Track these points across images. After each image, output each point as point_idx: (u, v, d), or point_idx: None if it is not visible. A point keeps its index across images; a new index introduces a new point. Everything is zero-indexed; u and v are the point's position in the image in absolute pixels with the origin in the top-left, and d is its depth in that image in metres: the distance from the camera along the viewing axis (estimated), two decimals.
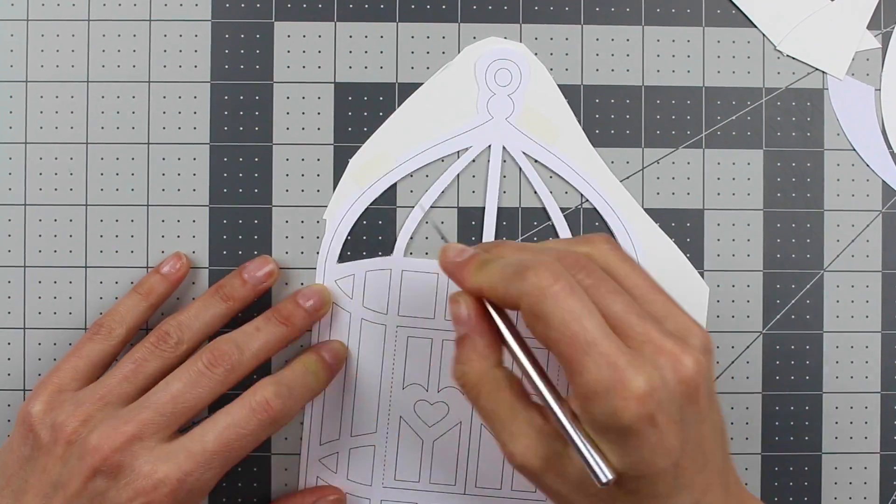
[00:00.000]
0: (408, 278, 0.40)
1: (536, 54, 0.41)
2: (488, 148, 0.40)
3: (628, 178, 0.41)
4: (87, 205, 0.40)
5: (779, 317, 0.41)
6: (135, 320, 0.38)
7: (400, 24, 0.41)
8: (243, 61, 0.40)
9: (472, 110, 0.40)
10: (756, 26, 0.41)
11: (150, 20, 0.40)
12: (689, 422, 0.31)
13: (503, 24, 0.41)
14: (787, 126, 0.41)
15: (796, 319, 0.41)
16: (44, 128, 0.40)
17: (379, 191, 0.40)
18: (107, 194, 0.40)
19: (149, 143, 0.40)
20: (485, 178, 0.40)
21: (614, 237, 0.40)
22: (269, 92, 0.40)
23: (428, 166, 0.40)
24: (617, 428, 0.30)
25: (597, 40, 0.41)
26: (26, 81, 0.40)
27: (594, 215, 0.40)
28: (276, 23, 0.40)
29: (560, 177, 0.40)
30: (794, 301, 0.41)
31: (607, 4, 0.41)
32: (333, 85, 0.41)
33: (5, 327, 0.40)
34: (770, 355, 0.41)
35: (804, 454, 0.41)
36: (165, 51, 0.40)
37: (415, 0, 0.41)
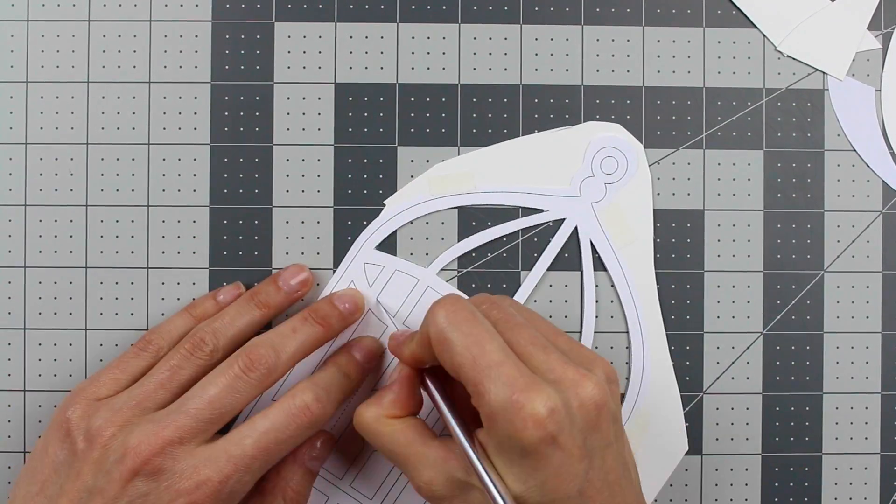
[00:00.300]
0: (429, 296, 0.40)
1: (536, 55, 0.41)
2: (561, 220, 0.40)
3: None
4: (87, 205, 0.40)
5: (779, 317, 0.41)
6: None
7: (400, 24, 0.41)
8: (243, 62, 0.40)
9: (565, 180, 0.40)
10: (756, 27, 0.41)
11: (151, 20, 0.40)
12: (593, 448, 0.32)
13: (503, 25, 0.41)
14: (787, 126, 0.41)
15: (796, 320, 0.41)
16: (44, 128, 0.40)
17: (444, 206, 0.40)
18: (107, 195, 0.40)
19: (149, 144, 0.40)
20: (543, 244, 0.40)
21: (631, 356, 0.40)
22: (269, 92, 0.40)
23: (498, 209, 0.40)
24: (519, 448, 0.30)
25: (597, 41, 0.41)
26: (26, 82, 0.40)
27: (622, 337, 0.41)
28: (276, 23, 0.40)
29: (612, 283, 0.40)
30: (794, 301, 0.41)
31: (607, 5, 0.41)
32: (334, 85, 0.41)
33: (5, 328, 0.40)
34: (770, 356, 0.41)
35: (804, 454, 0.41)
36: (165, 51, 0.40)
37: (415, 0, 0.41)
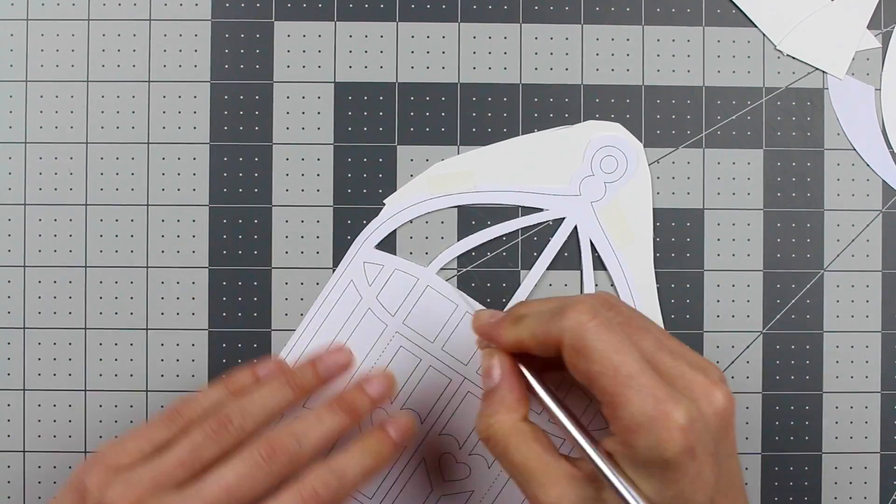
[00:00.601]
0: (429, 295, 0.40)
1: (536, 54, 0.41)
2: (561, 219, 0.40)
3: None
4: (86, 204, 0.40)
5: (779, 317, 0.41)
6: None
7: (400, 23, 0.41)
8: (243, 61, 0.40)
9: (565, 179, 0.40)
10: (756, 26, 0.41)
11: (150, 20, 0.40)
12: (722, 455, 0.31)
13: (503, 24, 0.41)
14: (787, 126, 0.41)
15: (796, 319, 0.41)
16: (44, 127, 0.40)
17: (444, 205, 0.40)
18: (107, 194, 0.40)
19: (149, 143, 0.40)
20: (543, 244, 0.40)
21: None
22: (269, 92, 0.40)
23: (498, 208, 0.40)
24: (660, 461, 0.30)
25: (597, 40, 0.41)
26: (26, 81, 0.40)
27: None
28: (275, 22, 0.40)
29: (612, 283, 0.40)
30: (794, 301, 0.41)
31: (607, 4, 0.41)
32: (333, 85, 0.41)
33: (5, 327, 0.40)
34: (770, 355, 0.41)
35: (804, 454, 0.41)
36: (165, 51, 0.40)
37: (415, 0, 0.41)
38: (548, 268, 0.40)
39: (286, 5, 0.40)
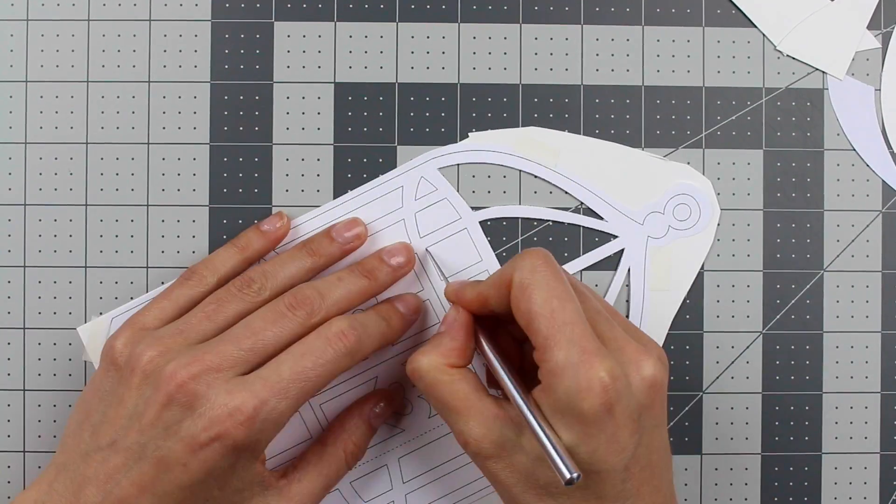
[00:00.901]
0: (462, 237, 0.40)
1: (536, 55, 0.41)
2: (614, 236, 0.40)
3: None
4: (86, 205, 0.40)
5: (779, 317, 0.41)
6: (227, 271, 0.38)
7: (400, 24, 0.41)
8: (243, 61, 0.40)
9: (636, 203, 0.40)
10: (756, 26, 0.41)
11: (150, 20, 0.40)
12: (644, 425, 0.32)
13: (503, 24, 0.41)
14: (787, 126, 0.41)
15: (796, 319, 0.41)
16: (44, 128, 0.40)
17: (519, 166, 0.40)
18: (107, 194, 0.40)
19: (149, 143, 0.40)
20: (582, 246, 0.40)
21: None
22: (269, 92, 0.40)
23: (563, 195, 0.40)
24: (577, 411, 0.31)
25: (597, 40, 0.41)
26: (26, 81, 0.40)
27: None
28: (275, 23, 0.40)
29: (627, 314, 0.40)
30: (794, 301, 0.41)
31: (607, 4, 0.41)
32: (333, 85, 0.41)
33: (5, 327, 0.40)
34: (770, 355, 0.41)
35: (804, 454, 0.41)
36: (165, 51, 0.40)
37: (415, 0, 0.41)
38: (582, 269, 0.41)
39: (286, 6, 0.40)
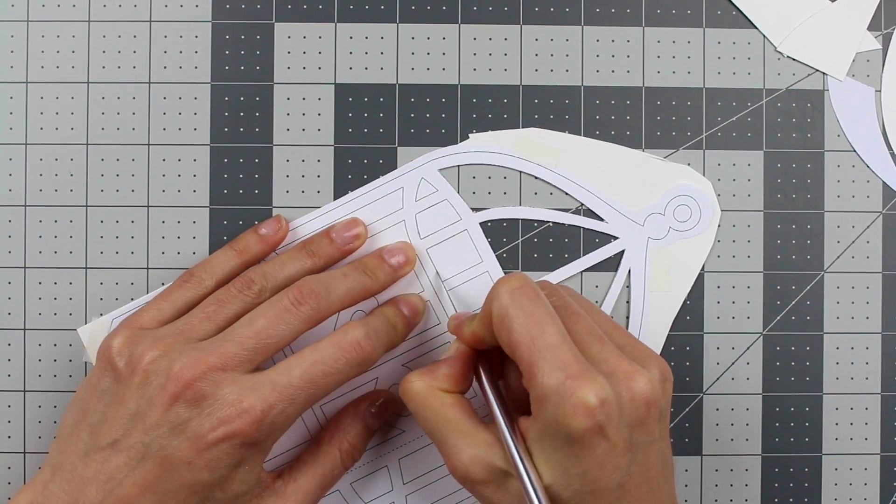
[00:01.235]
0: (462, 238, 0.40)
1: (536, 55, 0.41)
2: (614, 238, 0.40)
3: None
4: (87, 206, 0.40)
5: (779, 318, 0.41)
6: (225, 274, 0.37)
7: (400, 24, 0.41)
8: (243, 62, 0.40)
9: (636, 205, 0.40)
10: (756, 27, 0.41)
11: (150, 21, 0.40)
12: (637, 443, 0.31)
13: (503, 25, 0.41)
14: (787, 127, 0.41)
15: (796, 320, 0.41)
16: (44, 129, 0.40)
17: (519, 167, 0.40)
18: (107, 195, 0.40)
19: (149, 144, 0.40)
20: (579, 246, 0.40)
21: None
22: (269, 93, 0.40)
23: (563, 195, 0.40)
24: (565, 434, 0.30)
25: (597, 41, 0.41)
26: (26, 82, 0.40)
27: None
28: (276, 24, 0.40)
29: (627, 315, 0.40)
30: (794, 302, 0.41)
31: (607, 5, 0.41)
32: (334, 86, 0.41)
33: (5, 328, 0.40)
34: (770, 356, 0.41)
35: (804, 455, 0.41)
36: (165, 52, 0.40)
37: (415, 1, 0.41)
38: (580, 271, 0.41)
39: (286, 7, 0.40)
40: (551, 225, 0.40)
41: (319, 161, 0.40)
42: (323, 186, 0.40)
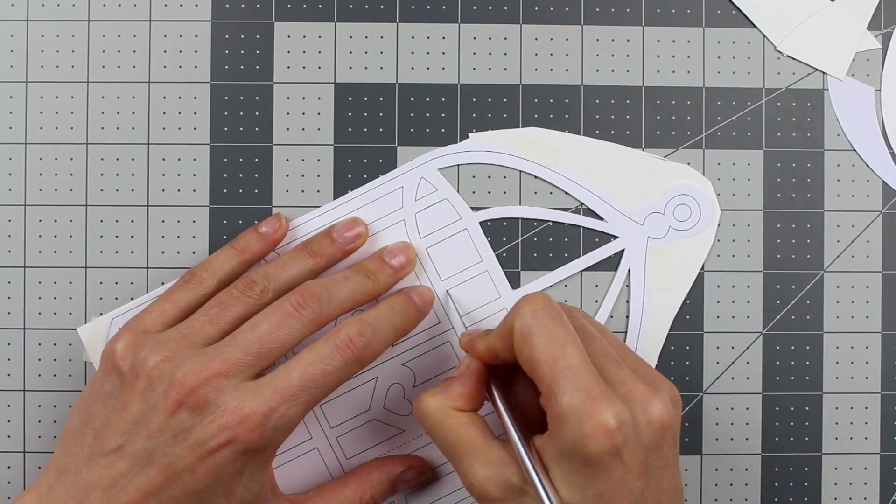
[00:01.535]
0: (462, 237, 0.40)
1: (536, 55, 0.41)
2: (614, 237, 0.40)
3: None
4: (87, 205, 0.40)
5: (779, 317, 0.41)
6: (226, 274, 0.38)
7: (400, 24, 0.41)
8: (243, 62, 0.40)
9: (636, 204, 0.40)
10: (756, 27, 0.41)
11: (150, 21, 0.40)
12: (652, 467, 0.32)
13: (503, 25, 0.41)
14: (787, 126, 0.41)
15: (796, 320, 0.41)
16: (44, 128, 0.40)
17: (519, 166, 0.40)
18: (107, 195, 0.40)
19: (149, 144, 0.40)
20: (579, 245, 0.40)
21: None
22: (269, 92, 0.40)
23: (563, 195, 0.40)
24: (582, 456, 0.30)
25: (597, 41, 0.41)
26: (26, 82, 0.40)
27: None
28: (276, 23, 0.40)
29: (627, 315, 0.40)
30: (794, 301, 0.41)
31: (607, 5, 0.41)
32: (333, 85, 0.41)
33: (5, 327, 0.40)
34: (770, 356, 0.41)
35: (804, 454, 0.41)
36: (165, 51, 0.40)
37: (415, 0, 0.41)
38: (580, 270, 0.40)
39: (286, 6, 0.40)
40: (551, 224, 0.40)
41: (319, 161, 0.40)
42: (323, 186, 0.40)
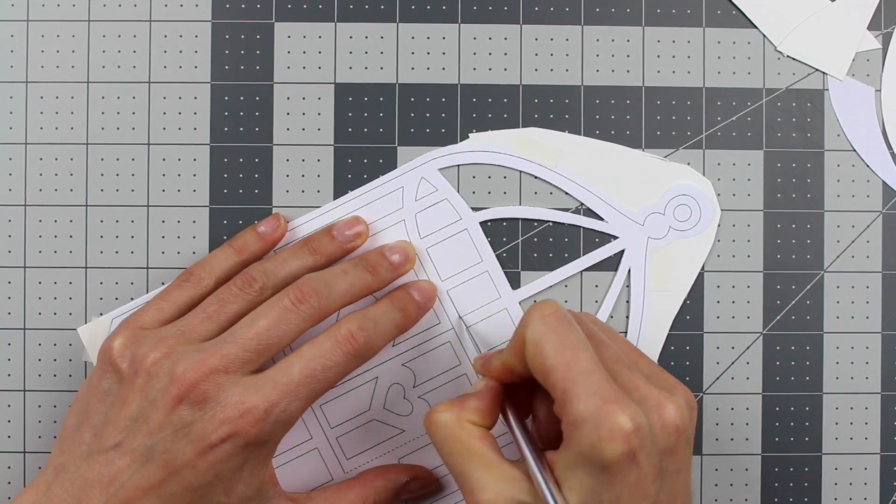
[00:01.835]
0: (462, 238, 0.40)
1: (536, 55, 0.41)
2: (614, 237, 0.40)
3: None
4: (87, 205, 0.40)
5: (779, 317, 0.41)
6: (224, 273, 0.37)
7: (400, 24, 0.41)
8: (243, 62, 0.40)
9: (636, 204, 0.40)
10: (756, 27, 0.41)
11: (150, 21, 0.40)
12: (667, 470, 0.31)
13: (503, 25, 0.41)
14: (787, 127, 0.41)
15: (796, 320, 0.41)
16: (44, 128, 0.40)
17: (519, 167, 0.40)
18: (107, 195, 0.40)
19: (149, 144, 0.40)
20: (578, 245, 0.40)
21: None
22: (269, 92, 0.40)
23: (563, 195, 0.40)
24: (599, 461, 0.30)
25: (597, 41, 0.41)
26: (26, 82, 0.40)
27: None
28: (276, 23, 0.40)
29: (627, 315, 0.40)
30: (794, 302, 0.41)
31: (607, 5, 0.41)
32: (334, 85, 0.41)
33: (5, 327, 0.40)
34: (770, 356, 0.41)
35: (804, 454, 0.41)
36: (165, 51, 0.40)
37: (415, 0, 0.41)
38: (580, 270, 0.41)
39: (286, 6, 0.40)
40: (551, 224, 0.40)
41: (319, 161, 0.40)
42: (323, 186, 0.40)
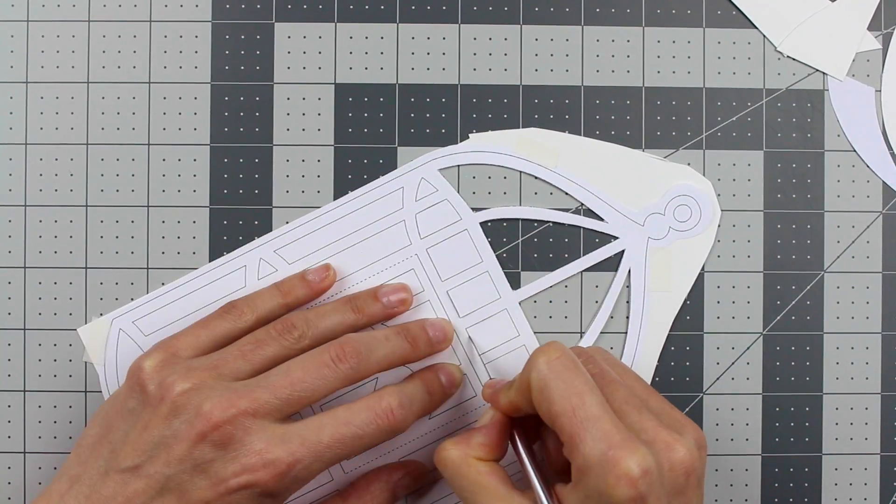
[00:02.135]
0: (462, 238, 0.40)
1: (536, 55, 0.41)
2: (614, 238, 0.40)
3: None
4: (87, 206, 0.40)
5: (779, 318, 0.41)
6: (266, 312, 0.37)
7: (400, 24, 0.41)
8: (243, 62, 0.40)
9: (636, 204, 0.40)
10: (756, 27, 0.41)
11: (151, 21, 0.40)
12: None
13: (503, 25, 0.41)
14: (787, 127, 0.41)
15: (796, 320, 0.41)
16: (44, 129, 0.40)
17: (519, 167, 0.40)
18: (107, 195, 0.40)
19: (149, 144, 0.40)
20: (582, 247, 0.40)
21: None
22: (269, 93, 0.40)
23: (563, 195, 0.40)
24: None
25: (597, 41, 0.41)
26: (26, 82, 0.40)
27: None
28: (276, 24, 0.40)
29: (627, 315, 0.40)
30: (794, 302, 0.41)
31: (607, 5, 0.41)
32: (334, 86, 0.41)
33: (5, 327, 0.40)
34: (770, 356, 0.41)
35: (804, 455, 0.41)
36: (166, 52, 0.40)
37: (415, 1, 0.41)
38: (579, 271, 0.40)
39: (286, 7, 0.40)
40: (551, 225, 0.40)
41: (319, 161, 0.40)
42: (323, 186, 0.40)
